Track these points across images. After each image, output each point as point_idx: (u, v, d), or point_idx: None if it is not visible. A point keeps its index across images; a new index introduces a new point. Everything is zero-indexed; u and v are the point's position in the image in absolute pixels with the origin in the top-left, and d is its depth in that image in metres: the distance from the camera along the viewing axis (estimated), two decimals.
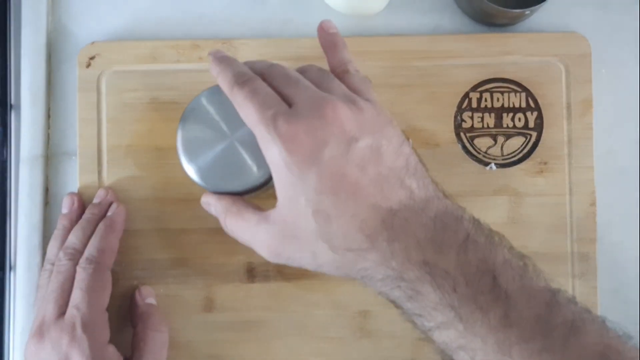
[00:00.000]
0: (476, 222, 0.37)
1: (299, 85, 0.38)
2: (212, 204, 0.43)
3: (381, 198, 0.36)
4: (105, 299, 0.48)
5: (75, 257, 0.49)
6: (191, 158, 0.43)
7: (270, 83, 0.38)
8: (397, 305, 0.37)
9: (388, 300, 0.37)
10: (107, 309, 0.49)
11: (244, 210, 0.40)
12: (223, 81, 0.39)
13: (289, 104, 0.37)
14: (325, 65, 0.47)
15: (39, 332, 0.46)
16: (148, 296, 0.52)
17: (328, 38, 0.43)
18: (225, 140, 0.42)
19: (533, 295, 0.35)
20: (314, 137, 0.35)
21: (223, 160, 0.42)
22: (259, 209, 0.40)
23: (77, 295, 0.47)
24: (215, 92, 0.43)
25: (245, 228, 0.40)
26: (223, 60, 0.41)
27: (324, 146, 0.35)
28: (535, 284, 0.35)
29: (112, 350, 0.47)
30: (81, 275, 0.48)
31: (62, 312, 0.47)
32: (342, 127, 0.36)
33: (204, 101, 0.43)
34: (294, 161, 0.35)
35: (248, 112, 0.37)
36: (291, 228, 0.37)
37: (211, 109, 0.43)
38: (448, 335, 0.35)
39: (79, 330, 0.45)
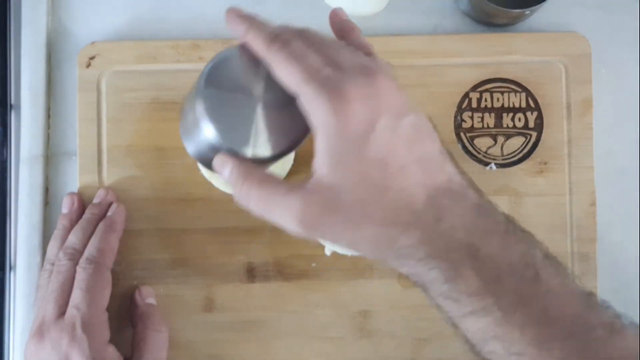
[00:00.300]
0: (510, 217, 0.37)
1: (342, 51, 0.36)
2: (228, 164, 0.37)
3: (427, 177, 0.35)
4: (105, 298, 0.48)
5: (75, 257, 0.49)
6: (211, 117, 0.38)
7: (309, 46, 0.35)
8: (426, 288, 0.36)
9: (415, 284, 0.36)
10: (107, 309, 0.49)
11: (269, 177, 0.36)
12: (256, 38, 0.36)
13: (336, 68, 0.34)
14: None
15: (39, 332, 0.46)
16: (148, 296, 0.52)
17: (344, 23, 0.41)
18: (249, 103, 0.38)
19: (572, 294, 0.34)
20: (369, 105, 0.33)
21: (245, 123, 0.38)
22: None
23: (77, 295, 0.47)
24: (236, 52, 0.39)
25: (270, 196, 0.36)
26: (249, 17, 0.38)
27: (378, 116, 0.34)
28: (572, 284, 0.35)
29: (112, 350, 0.47)
30: (81, 275, 0.48)
31: (62, 312, 0.47)
32: (392, 100, 0.35)
33: (227, 60, 0.39)
34: (350, 128, 0.33)
35: (292, 71, 0.34)
36: (334, 198, 0.34)
37: (235, 69, 0.39)
38: (483, 323, 0.34)
39: (79, 330, 0.45)
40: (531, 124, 0.55)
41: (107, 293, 0.49)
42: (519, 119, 0.55)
